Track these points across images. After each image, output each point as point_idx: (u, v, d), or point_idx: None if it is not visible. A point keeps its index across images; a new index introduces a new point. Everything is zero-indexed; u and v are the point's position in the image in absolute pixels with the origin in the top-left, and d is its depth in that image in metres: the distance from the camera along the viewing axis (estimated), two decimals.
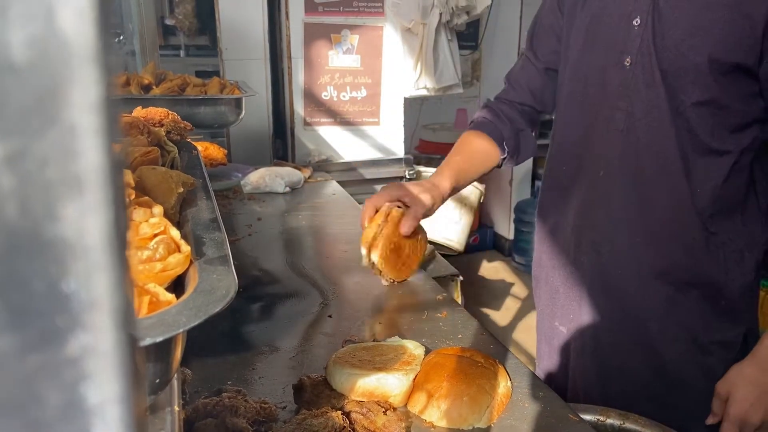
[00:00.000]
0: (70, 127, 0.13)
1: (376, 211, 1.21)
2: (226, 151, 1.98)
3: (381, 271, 1.18)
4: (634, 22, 1.06)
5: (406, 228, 1.17)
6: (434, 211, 1.25)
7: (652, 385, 1.15)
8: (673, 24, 1.02)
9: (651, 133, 1.07)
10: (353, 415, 0.76)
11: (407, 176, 2.46)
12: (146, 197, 0.63)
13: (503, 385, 0.83)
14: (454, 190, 1.29)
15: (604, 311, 1.18)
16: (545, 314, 1.35)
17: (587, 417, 1.00)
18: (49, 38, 0.13)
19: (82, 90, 0.13)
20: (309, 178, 2.12)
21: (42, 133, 0.13)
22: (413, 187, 1.23)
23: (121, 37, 2.53)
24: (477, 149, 1.33)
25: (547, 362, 1.35)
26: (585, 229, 1.19)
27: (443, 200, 1.26)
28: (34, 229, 0.13)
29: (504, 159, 1.34)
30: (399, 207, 1.21)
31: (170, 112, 1.04)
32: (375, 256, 1.16)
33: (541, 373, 1.37)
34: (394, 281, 1.22)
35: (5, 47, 0.13)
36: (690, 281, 1.10)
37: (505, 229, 4.10)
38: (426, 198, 1.21)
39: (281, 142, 2.51)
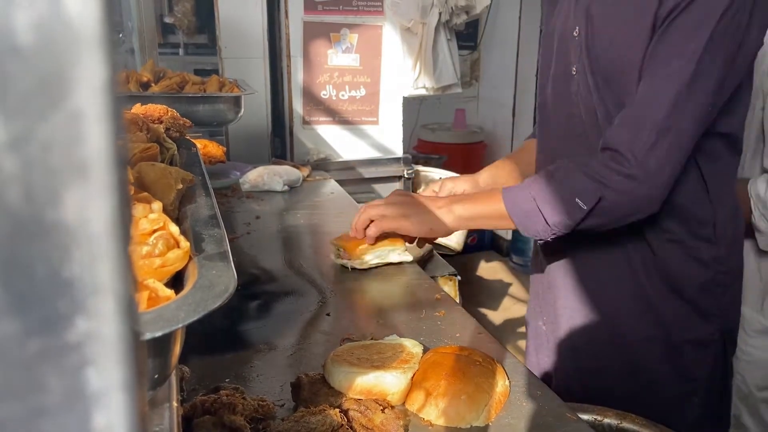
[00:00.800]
0: (75, 111, 0.13)
1: None
2: (225, 149, 1.98)
3: (339, 251, 1.30)
4: (574, 33, 1.11)
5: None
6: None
7: (628, 384, 1.16)
8: (602, 32, 1.06)
9: (600, 138, 1.09)
10: (351, 413, 0.76)
11: (406, 175, 2.46)
12: (145, 193, 0.63)
13: (501, 383, 0.83)
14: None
15: (578, 311, 1.19)
16: (530, 313, 1.38)
17: (585, 416, 1.00)
18: (54, 21, 0.13)
19: (88, 74, 0.13)
20: (307, 176, 2.12)
21: (46, 117, 0.13)
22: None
23: (120, 35, 2.53)
24: (528, 149, 1.41)
25: (533, 360, 1.36)
26: None
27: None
28: (37, 213, 0.13)
29: None
30: None
31: (169, 108, 1.04)
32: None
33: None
34: (351, 264, 1.28)
35: (10, 30, 0.13)
36: (657, 279, 1.11)
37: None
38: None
39: (280, 141, 2.51)
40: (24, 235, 0.13)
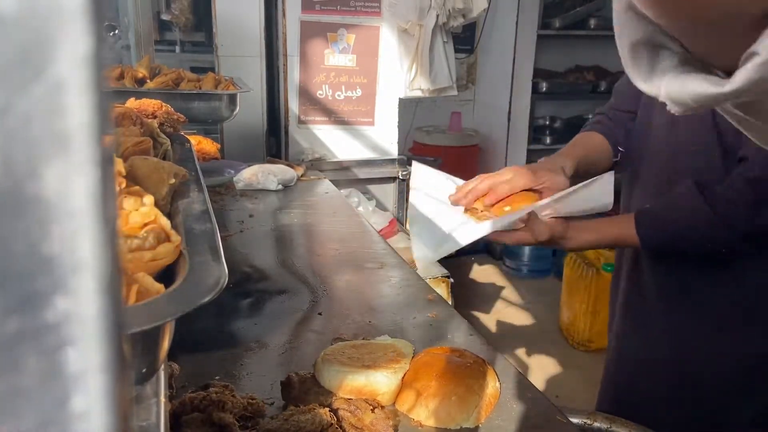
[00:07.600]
0: (57, 82, 0.13)
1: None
2: (219, 146, 1.98)
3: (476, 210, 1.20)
4: None
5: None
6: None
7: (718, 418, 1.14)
8: None
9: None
10: (341, 413, 0.76)
11: (400, 177, 2.46)
12: (137, 187, 0.62)
13: (492, 385, 0.83)
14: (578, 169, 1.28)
15: (682, 337, 1.19)
16: (618, 328, 1.38)
17: (574, 420, 1.00)
18: None
19: (71, 43, 0.13)
20: (302, 176, 2.11)
21: (27, 87, 0.13)
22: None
23: (117, 31, 2.52)
24: (595, 143, 1.33)
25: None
26: None
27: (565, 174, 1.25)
28: (16, 188, 0.13)
29: (615, 162, 1.32)
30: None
31: (164, 104, 1.03)
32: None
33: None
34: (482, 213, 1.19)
35: None
36: None
37: None
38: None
39: (275, 140, 2.50)
40: (2, 210, 0.13)
